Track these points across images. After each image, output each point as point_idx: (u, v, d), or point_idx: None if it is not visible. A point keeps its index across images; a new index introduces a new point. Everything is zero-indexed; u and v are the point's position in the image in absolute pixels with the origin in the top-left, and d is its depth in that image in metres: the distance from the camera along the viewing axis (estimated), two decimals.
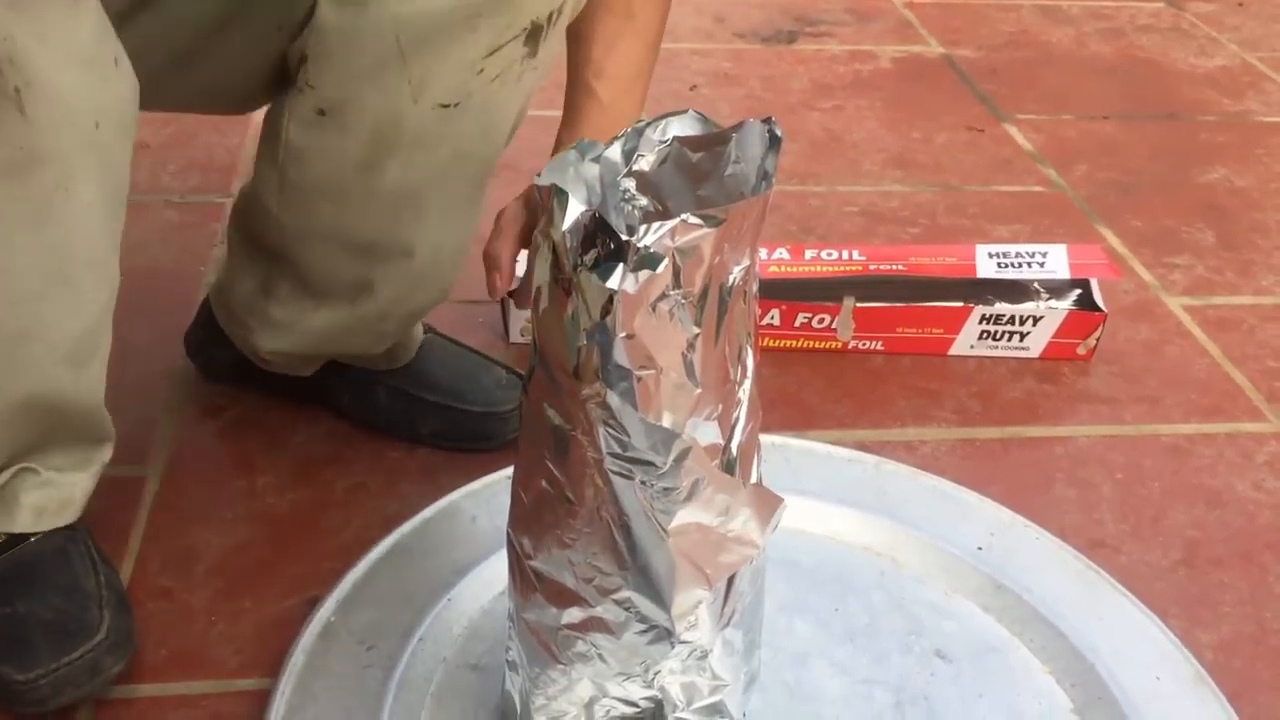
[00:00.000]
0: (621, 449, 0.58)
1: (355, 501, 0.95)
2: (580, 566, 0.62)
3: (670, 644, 0.64)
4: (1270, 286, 1.31)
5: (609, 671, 0.65)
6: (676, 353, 0.56)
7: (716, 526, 0.61)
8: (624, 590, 0.62)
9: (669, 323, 0.55)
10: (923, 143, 1.57)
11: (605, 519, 0.60)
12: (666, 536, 0.60)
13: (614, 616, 0.63)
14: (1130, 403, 1.12)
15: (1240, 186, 1.51)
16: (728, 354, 0.59)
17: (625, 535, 0.60)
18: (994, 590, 0.87)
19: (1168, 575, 0.93)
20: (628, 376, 0.55)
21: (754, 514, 0.62)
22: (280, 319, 0.93)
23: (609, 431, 0.57)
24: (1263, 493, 1.02)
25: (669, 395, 0.56)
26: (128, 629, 0.79)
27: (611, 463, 0.58)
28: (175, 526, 0.92)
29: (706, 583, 0.62)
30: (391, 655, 0.79)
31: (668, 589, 0.62)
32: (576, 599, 0.63)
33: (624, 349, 0.54)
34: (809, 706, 0.79)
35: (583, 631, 0.64)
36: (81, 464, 0.80)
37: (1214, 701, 0.79)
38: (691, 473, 0.59)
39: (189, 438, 1.01)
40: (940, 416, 1.09)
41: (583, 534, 0.62)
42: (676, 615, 0.63)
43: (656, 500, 0.59)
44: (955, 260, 1.17)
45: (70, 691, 0.75)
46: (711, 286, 0.56)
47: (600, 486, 0.59)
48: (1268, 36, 1.98)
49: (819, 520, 0.92)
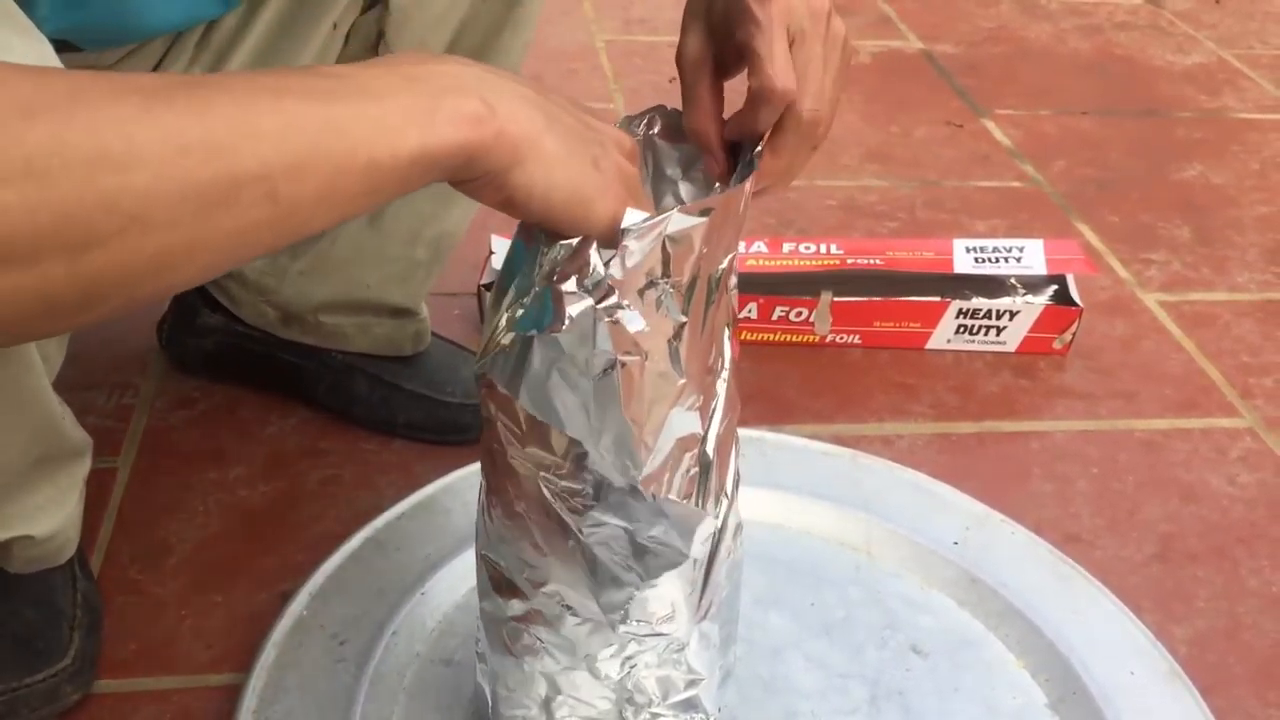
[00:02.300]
0: (520, 443, 0.57)
1: (329, 494, 0.94)
2: (512, 559, 0.62)
3: (612, 632, 0.63)
4: (1245, 283, 1.32)
5: (557, 666, 0.65)
6: (662, 340, 0.55)
7: (633, 531, 0.59)
8: (551, 583, 0.62)
9: (655, 311, 0.54)
10: (901, 137, 1.57)
11: (521, 512, 0.60)
12: (580, 535, 0.59)
13: (547, 609, 0.63)
14: (1106, 398, 1.12)
15: (1216, 183, 1.52)
16: (712, 345, 0.59)
17: (541, 530, 0.60)
18: (970, 584, 0.87)
19: (1142, 570, 0.93)
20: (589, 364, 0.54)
21: (672, 526, 0.60)
22: (298, 263, 0.92)
23: (504, 423, 0.56)
24: (1236, 487, 1.02)
25: (653, 383, 0.56)
26: (93, 655, 0.78)
27: (514, 454, 0.57)
28: (145, 519, 0.91)
29: (636, 579, 0.61)
30: (364, 650, 0.79)
31: (592, 583, 0.61)
32: (516, 590, 0.63)
33: (608, 333, 0.53)
34: (784, 700, 0.79)
35: (526, 623, 0.64)
36: (68, 487, 0.76)
37: (1187, 696, 0.79)
38: (593, 477, 0.57)
39: (160, 429, 1.00)
40: (917, 410, 1.09)
41: (509, 525, 0.61)
42: (607, 607, 0.62)
43: (562, 499, 0.58)
44: (933, 255, 1.18)
45: (24, 714, 0.74)
46: (700, 276, 0.55)
47: (511, 476, 0.59)
48: (1244, 34, 1.99)
49: (795, 514, 0.92)
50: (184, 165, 0.39)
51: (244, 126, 0.41)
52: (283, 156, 0.41)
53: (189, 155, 0.39)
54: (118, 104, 0.39)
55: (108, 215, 0.38)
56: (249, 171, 0.40)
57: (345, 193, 0.44)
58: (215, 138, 0.40)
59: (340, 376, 1.00)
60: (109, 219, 0.38)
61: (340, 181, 0.43)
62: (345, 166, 0.43)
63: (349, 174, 0.43)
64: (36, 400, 0.67)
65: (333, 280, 0.95)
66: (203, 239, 0.41)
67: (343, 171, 0.43)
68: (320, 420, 1.01)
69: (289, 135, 0.41)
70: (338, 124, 0.43)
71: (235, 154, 0.40)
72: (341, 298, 0.97)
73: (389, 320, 0.99)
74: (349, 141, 0.43)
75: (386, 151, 0.44)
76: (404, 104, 0.45)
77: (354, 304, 0.97)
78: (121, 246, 0.39)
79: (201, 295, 1.00)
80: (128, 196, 0.38)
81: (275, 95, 0.42)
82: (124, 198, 0.38)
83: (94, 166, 0.37)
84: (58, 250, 0.38)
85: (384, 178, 0.44)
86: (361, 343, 0.99)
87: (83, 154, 0.37)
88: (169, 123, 0.39)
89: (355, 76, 0.45)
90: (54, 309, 0.40)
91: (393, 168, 0.44)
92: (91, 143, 0.37)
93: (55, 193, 0.37)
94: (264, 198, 0.41)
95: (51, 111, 0.37)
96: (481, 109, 0.47)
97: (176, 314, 1.04)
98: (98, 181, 0.37)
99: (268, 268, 0.96)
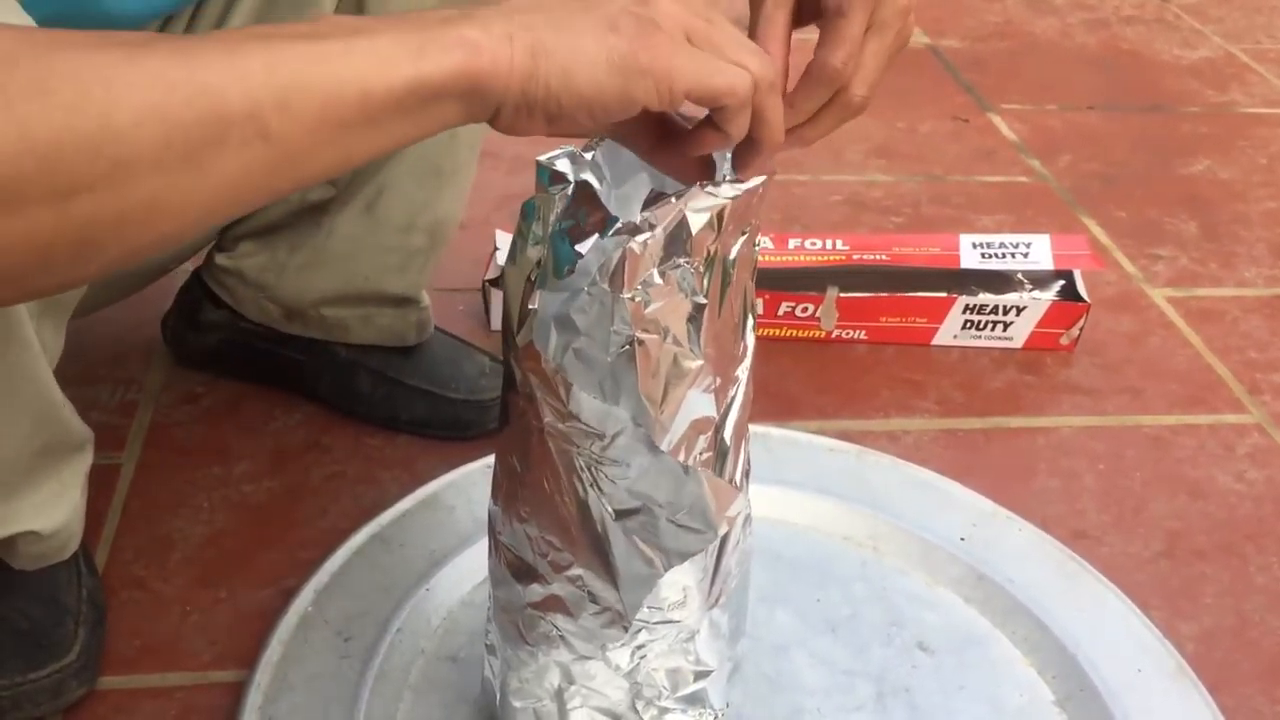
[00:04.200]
0: (560, 419, 0.57)
1: (333, 490, 0.94)
2: (536, 541, 0.62)
3: (624, 629, 0.63)
4: (1253, 278, 1.31)
5: (571, 655, 0.65)
6: (681, 320, 0.55)
7: (665, 509, 0.60)
8: (575, 567, 0.62)
9: (675, 291, 0.54)
10: (907, 133, 1.57)
11: (550, 491, 0.60)
12: (610, 516, 0.59)
13: (569, 595, 0.63)
14: (1113, 393, 1.12)
15: (1223, 178, 1.51)
16: (730, 329, 0.59)
17: (570, 509, 0.60)
18: (976, 581, 0.87)
19: (1149, 566, 0.93)
20: (608, 339, 0.54)
21: (707, 501, 0.61)
22: (295, 258, 0.91)
23: (547, 399, 0.57)
24: (1244, 484, 1.02)
25: (668, 362, 0.56)
26: (98, 650, 0.78)
27: (552, 431, 0.58)
28: (150, 515, 0.91)
29: (658, 566, 0.61)
30: (369, 647, 0.78)
31: (616, 567, 0.61)
32: (536, 575, 0.63)
33: (628, 310, 0.53)
34: (790, 697, 0.78)
35: (544, 611, 0.64)
36: (71, 482, 0.76)
37: (1195, 693, 0.79)
38: (635, 451, 0.57)
39: (164, 425, 1.00)
40: (923, 406, 1.09)
41: (535, 505, 0.61)
42: (626, 596, 0.62)
43: (600, 476, 0.58)
44: (939, 250, 1.17)
45: (29, 709, 0.74)
46: (717, 258, 0.55)
47: (544, 456, 0.59)
48: (1251, 28, 1.98)
49: (801, 510, 0.92)
50: (167, 107, 0.38)
51: (230, 68, 0.40)
52: (271, 92, 0.40)
53: (172, 96, 0.38)
54: (101, 51, 0.38)
55: (91, 159, 0.37)
56: (237, 110, 0.40)
57: (340, 124, 0.42)
58: (199, 78, 0.39)
59: (343, 372, 1.00)
60: (93, 163, 0.38)
61: (333, 113, 0.42)
62: (337, 97, 0.42)
63: (342, 105, 0.42)
64: (35, 381, 0.66)
65: (331, 273, 0.95)
66: (194, 183, 0.40)
67: (334, 102, 0.42)
68: (324, 416, 1.01)
69: (276, 70, 0.40)
70: (326, 56, 0.42)
71: (221, 94, 0.39)
72: (341, 290, 0.96)
73: (391, 310, 0.98)
74: (338, 72, 0.42)
75: (379, 81, 0.43)
76: (395, 37, 0.44)
77: (354, 295, 0.97)
78: (109, 192, 0.38)
79: (205, 291, 1.00)
80: (109, 140, 0.38)
81: (263, 39, 0.41)
82: (105, 141, 0.38)
83: (73, 110, 0.37)
84: (44, 195, 0.37)
85: (379, 108, 0.43)
86: (365, 334, 0.99)
87: (63, 98, 0.37)
88: (152, 66, 0.38)
89: (348, 22, 0.45)
90: (49, 259, 0.39)
91: (387, 96, 0.43)
92: (71, 87, 0.37)
93: (37, 137, 0.36)
94: (255, 136, 0.40)
95: (33, 60, 0.37)
96: (475, 33, 0.45)
97: (180, 310, 1.04)
98: (77, 125, 0.37)
99: (266, 264, 0.96)
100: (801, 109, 0.56)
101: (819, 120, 0.58)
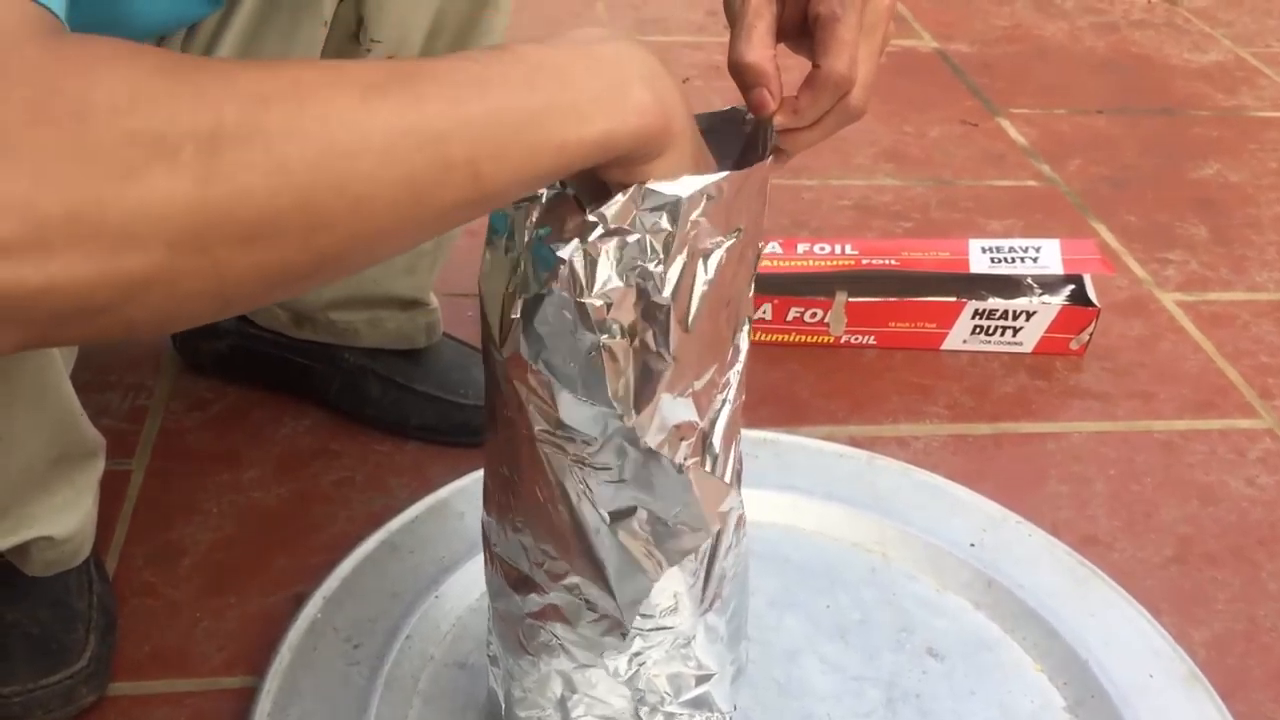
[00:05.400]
0: (551, 426, 0.57)
1: (342, 496, 0.94)
2: (531, 550, 0.62)
3: (622, 636, 0.63)
4: (1263, 282, 1.30)
5: (573, 664, 0.65)
6: (645, 322, 0.55)
7: (657, 509, 0.59)
8: (571, 575, 0.61)
9: (634, 293, 0.54)
10: (916, 137, 1.56)
11: (543, 500, 0.59)
12: (605, 520, 0.59)
13: (567, 604, 0.62)
14: (1123, 398, 1.11)
15: (1234, 181, 1.51)
16: (710, 331, 0.58)
17: (564, 517, 0.60)
18: (986, 587, 0.86)
19: (1160, 572, 0.92)
20: (575, 345, 0.54)
21: (698, 498, 0.60)
22: None
23: (537, 407, 0.57)
24: (1255, 489, 1.01)
25: (637, 365, 0.55)
26: (108, 656, 0.78)
27: (543, 437, 0.57)
28: (160, 521, 0.91)
29: (655, 568, 0.61)
30: (378, 653, 0.78)
31: (611, 574, 0.61)
32: (534, 585, 0.63)
33: (590, 314, 0.53)
34: (799, 703, 0.78)
35: (543, 620, 0.64)
36: (84, 488, 0.77)
37: (1206, 699, 0.79)
38: (624, 453, 0.57)
39: (174, 431, 1.00)
40: (932, 412, 1.08)
41: (528, 515, 0.61)
42: (624, 603, 0.62)
43: (592, 481, 0.58)
44: (948, 255, 1.17)
45: (40, 715, 0.74)
46: (690, 259, 0.55)
47: (535, 465, 0.59)
48: (1261, 32, 1.97)
49: (810, 516, 0.91)
50: (403, 151, 0.42)
51: (454, 116, 0.44)
52: (488, 146, 0.45)
53: (406, 140, 0.42)
54: (339, 94, 0.42)
55: (338, 198, 0.41)
56: (459, 157, 0.44)
57: (536, 173, 0.47)
58: (430, 126, 0.43)
59: (352, 378, 1.00)
60: (339, 202, 0.41)
61: (533, 163, 0.47)
62: (540, 149, 0.46)
63: (542, 155, 0.47)
64: (58, 395, 0.68)
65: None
66: (416, 216, 0.44)
67: (537, 154, 0.46)
68: (333, 422, 1.01)
69: (494, 123, 0.45)
70: (537, 113, 0.46)
71: (448, 141, 0.44)
72: (349, 293, 0.97)
73: (399, 313, 0.99)
74: (546, 128, 0.46)
75: (575, 137, 0.47)
76: (594, 92, 0.48)
77: (363, 299, 0.97)
78: (347, 227, 0.42)
79: None
80: (356, 181, 0.41)
81: (480, 86, 0.45)
82: (352, 182, 0.41)
83: (325, 152, 0.40)
84: (294, 230, 0.40)
85: (570, 159, 0.48)
86: (374, 338, 0.99)
87: (315, 142, 0.40)
88: (387, 112, 0.42)
89: (547, 64, 0.48)
90: (280, 285, 0.43)
91: (578, 150, 0.47)
92: (322, 131, 0.40)
93: (293, 178, 0.40)
94: (469, 179, 0.44)
95: (283, 101, 0.40)
96: (652, 100, 0.49)
97: None
98: (329, 166, 0.40)
99: None
100: (807, 115, 0.59)
101: (820, 125, 0.60)
